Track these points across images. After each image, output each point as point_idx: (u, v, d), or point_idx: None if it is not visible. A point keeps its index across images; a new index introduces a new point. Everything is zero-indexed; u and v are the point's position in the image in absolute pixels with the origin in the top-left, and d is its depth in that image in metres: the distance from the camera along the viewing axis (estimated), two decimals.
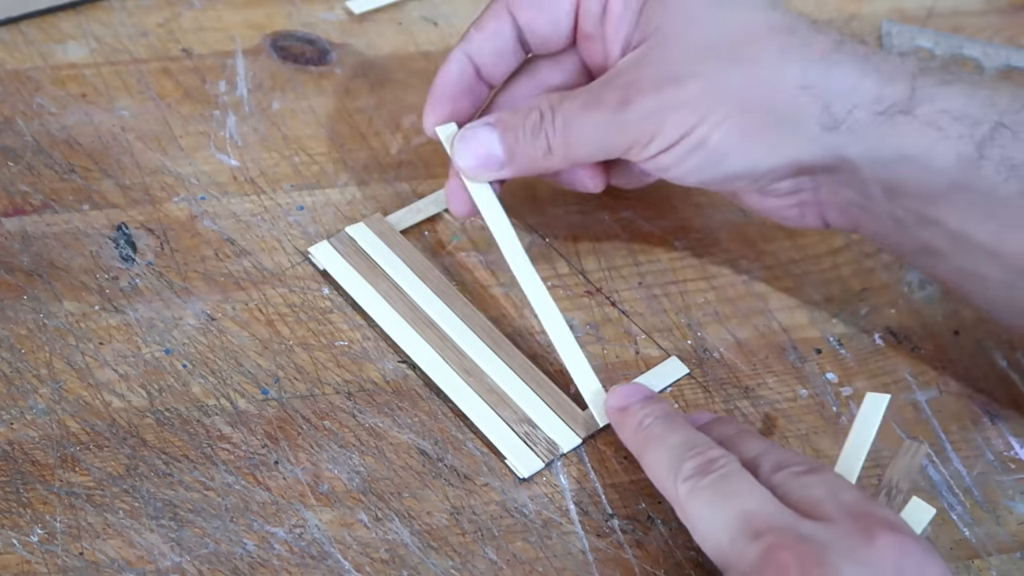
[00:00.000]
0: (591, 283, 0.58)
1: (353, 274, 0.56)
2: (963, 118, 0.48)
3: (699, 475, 0.46)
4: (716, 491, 0.45)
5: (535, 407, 0.53)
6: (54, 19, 0.65)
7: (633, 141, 0.50)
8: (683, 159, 0.50)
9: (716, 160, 0.50)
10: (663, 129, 0.50)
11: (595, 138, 0.51)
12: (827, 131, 0.49)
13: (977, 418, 0.56)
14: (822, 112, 0.49)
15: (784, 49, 0.49)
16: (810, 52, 0.49)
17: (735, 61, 0.49)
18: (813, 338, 0.58)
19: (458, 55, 0.54)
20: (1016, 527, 0.53)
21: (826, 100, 0.49)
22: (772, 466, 0.47)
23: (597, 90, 0.51)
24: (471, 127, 0.53)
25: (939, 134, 0.49)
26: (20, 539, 0.46)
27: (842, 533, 0.43)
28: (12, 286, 0.53)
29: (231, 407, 0.51)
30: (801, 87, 0.49)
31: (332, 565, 0.47)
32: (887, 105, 0.49)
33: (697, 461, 0.46)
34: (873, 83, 0.49)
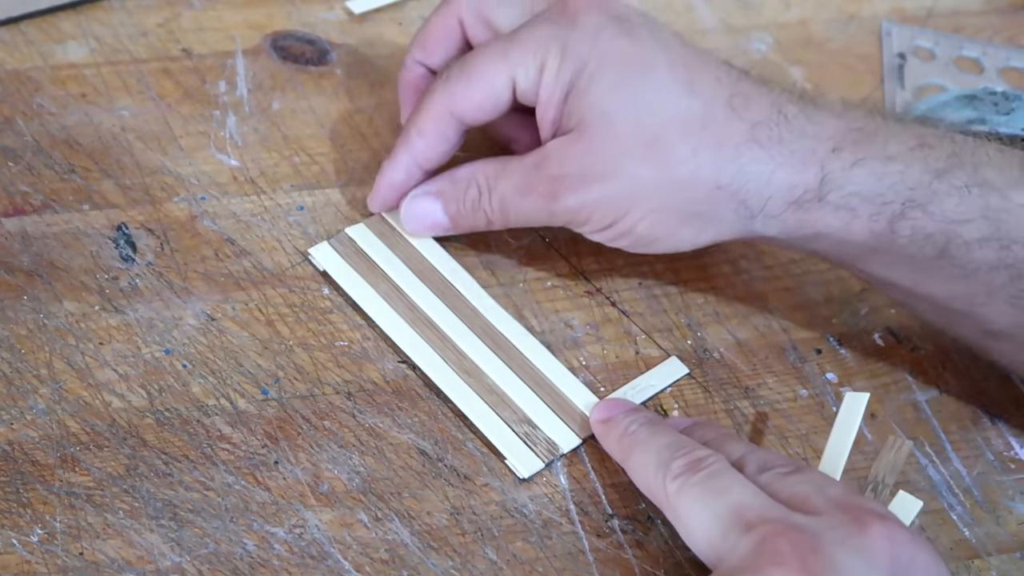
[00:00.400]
0: (591, 283, 0.58)
1: (353, 275, 0.56)
2: (873, 199, 0.51)
3: (688, 473, 0.46)
4: (706, 488, 0.46)
5: (535, 407, 0.53)
6: (54, 19, 0.65)
7: (566, 223, 0.54)
8: (616, 240, 0.54)
9: (646, 242, 0.53)
10: (591, 219, 0.53)
11: (530, 218, 0.55)
12: (744, 219, 0.52)
13: (977, 418, 0.56)
14: (738, 206, 0.52)
15: (697, 149, 0.51)
16: (722, 151, 0.51)
17: (650, 162, 0.51)
18: (813, 338, 0.58)
19: (403, 161, 0.56)
20: (1016, 527, 0.53)
21: (741, 196, 0.51)
22: (757, 467, 0.47)
23: (529, 175, 0.54)
24: (415, 196, 0.56)
25: (851, 215, 0.51)
26: (20, 539, 0.46)
27: (834, 523, 0.43)
28: (12, 286, 0.53)
29: (231, 407, 0.51)
30: (715, 187, 0.51)
31: (332, 565, 0.47)
32: (800, 193, 0.51)
33: (686, 459, 0.47)
34: (785, 174, 0.51)
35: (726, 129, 0.51)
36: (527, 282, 0.58)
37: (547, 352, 0.55)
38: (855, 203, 0.51)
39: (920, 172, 0.50)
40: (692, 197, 0.52)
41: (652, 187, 0.52)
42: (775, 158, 0.51)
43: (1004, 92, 0.69)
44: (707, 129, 0.51)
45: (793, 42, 0.72)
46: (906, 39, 0.73)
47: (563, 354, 0.55)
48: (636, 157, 0.51)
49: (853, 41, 0.73)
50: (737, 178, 0.51)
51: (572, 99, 0.52)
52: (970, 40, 0.74)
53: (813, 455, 0.54)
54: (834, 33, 0.73)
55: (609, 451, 0.51)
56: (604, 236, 0.54)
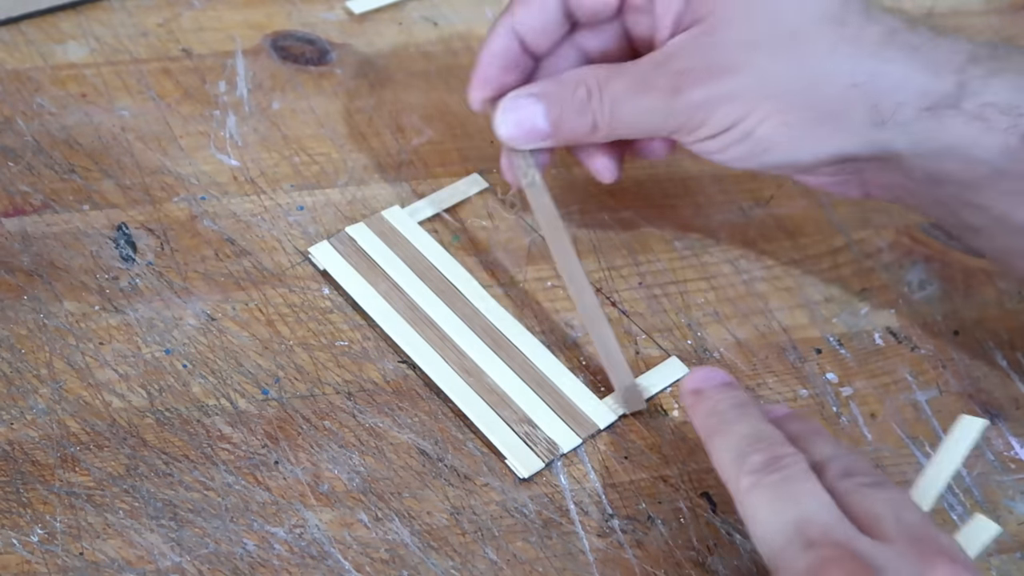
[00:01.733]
0: (591, 283, 0.58)
1: (353, 274, 0.56)
2: (1009, 110, 0.49)
3: (764, 471, 0.44)
4: (778, 491, 0.44)
5: (535, 407, 0.53)
6: (54, 19, 0.65)
7: (681, 126, 0.51)
8: (729, 147, 0.51)
9: (762, 150, 0.51)
10: (711, 118, 0.50)
11: (643, 121, 0.52)
12: (874, 127, 0.50)
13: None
14: (870, 109, 0.50)
15: (835, 44, 0.49)
16: (860, 48, 0.49)
17: (786, 55, 0.49)
18: (813, 338, 0.58)
19: (503, 29, 0.53)
20: (1016, 527, 0.53)
21: (874, 97, 0.49)
22: (840, 472, 0.45)
23: (647, 72, 0.51)
24: (515, 96, 0.53)
25: (984, 126, 0.49)
26: (20, 539, 0.46)
27: (900, 557, 0.41)
28: (12, 286, 0.53)
29: (231, 407, 0.51)
30: (851, 84, 0.49)
31: (332, 565, 0.47)
32: (934, 100, 0.49)
33: (764, 455, 0.45)
34: (921, 78, 0.49)
35: (864, 28, 0.49)
36: (527, 282, 0.58)
37: (547, 352, 0.55)
38: (990, 113, 0.49)
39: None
40: (825, 95, 0.49)
41: (785, 82, 0.49)
42: (912, 62, 0.49)
43: None
44: (845, 26, 0.49)
45: None
46: None
47: (563, 354, 0.55)
48: (771, 51, 0.49)
49: None
50: (872, 77, 0.49)
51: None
52: None
53: None
54: None
55: (695, 424, 0.49)
56: (718, 143, 0.51)
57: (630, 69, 0.52)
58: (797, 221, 0.62)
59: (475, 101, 0.55)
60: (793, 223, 0.62)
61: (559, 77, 0.53)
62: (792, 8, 0.50)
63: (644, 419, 0.54)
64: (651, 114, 0.51)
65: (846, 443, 0.54)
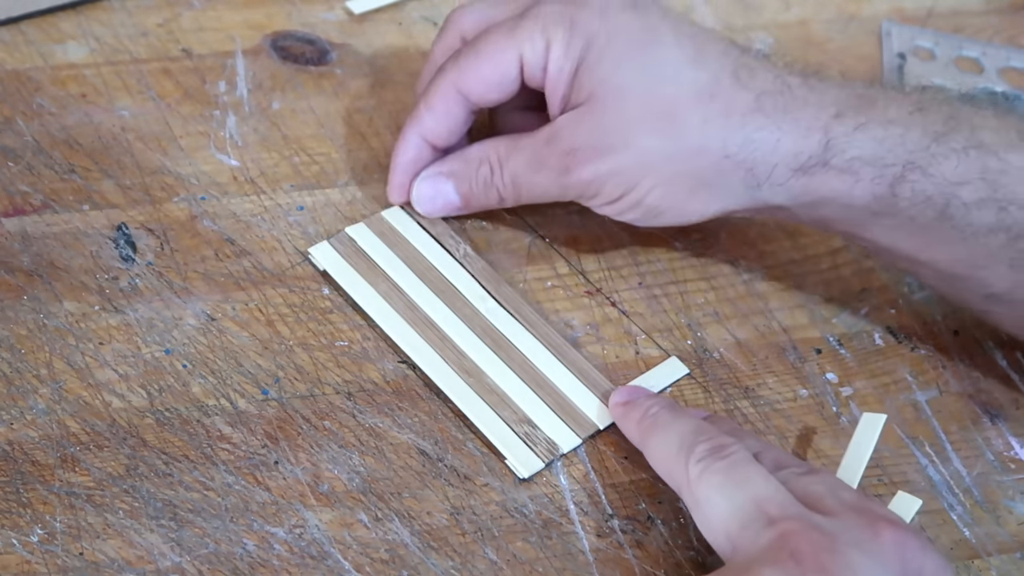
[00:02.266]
0: (591, 283, 0.58)
1: (353, 274, 0.56)
2: (874, 162, 0.52)
3: (711, 458, 0.46)
4: (728, 476, 0.46)
5: (535, 407, 0.53)
6: (54, 19, 0.65)
7: (578, 196, 0.55)
8: (625, 212, 0.54)
9: (654, 215, 0.54)
10: (602, 191, 0.54)
11: (542, 193, 0.56)
12: (752, 188, 0.53)
13: (977, 418, 0.56)
14: (745, 175, 0.53)
15: (706, 119, 0.52)
16: (730, 119, 0.52)
17: (661, 133, 0.52)
18: (813, 338, 0.58)
19: (412, 138, 0.57)
20: (1016, 527, 0.53)
21: (748, 164, 0.52)
22: (772, 464, 0.48)
23: (540, 150, 0.55)
24: (427, 177, 0.57)
25: (853, 179, 0.52)
26: (20, 539, 0.46)
27: (849, 525, 0.44)
28: (12, 286, 0.53)
29: (231, 407, 0.51)
30: (723, 156, 0.52)
31: (332, 565, 0.47)
32: (804, 159, 0.52)
33: (709, 444, 0.47)
34: (791, 140, 0.52)
35: (733, 99, 0.52)
36: (527, 282, 0.58)
37: (547, 352, 0.55)
38: (857, 167, 0.52)
39: (919, 135, 0.51)
40: (701, 166, 0.52)
41: (663, 157, 0.53)
42: (780, 126, 0.52)
43: (1004, 92, 0.69)
44: (715, 99, 0.52)
45: (793, 42, 0.72)
46: (906, 39, 0.73)
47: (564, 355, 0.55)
48: (647, 128, 0.52)
49: (853, 41, 0.73)
50: (744, 147, 0.52)
51: (582, 73, 0.53)
52: (970, 40, 0.74)
53: (813, 455, 0.54)
54: (834, 33, 0.73)
55: (628, 433, 0.51)
56: (614, 209, 0.54)
57: (526, 146, 0.55)
58: None
59: (395, 200, 0.59)
60: (793, 223, 0.62)
61: (465, 154, 0.57)
62: (664, 85, 0.53)
63: None
64: (548, 189, 0.55)
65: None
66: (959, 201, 0.51)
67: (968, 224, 0.51)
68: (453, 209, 0.58)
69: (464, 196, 0.57)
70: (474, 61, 0.55)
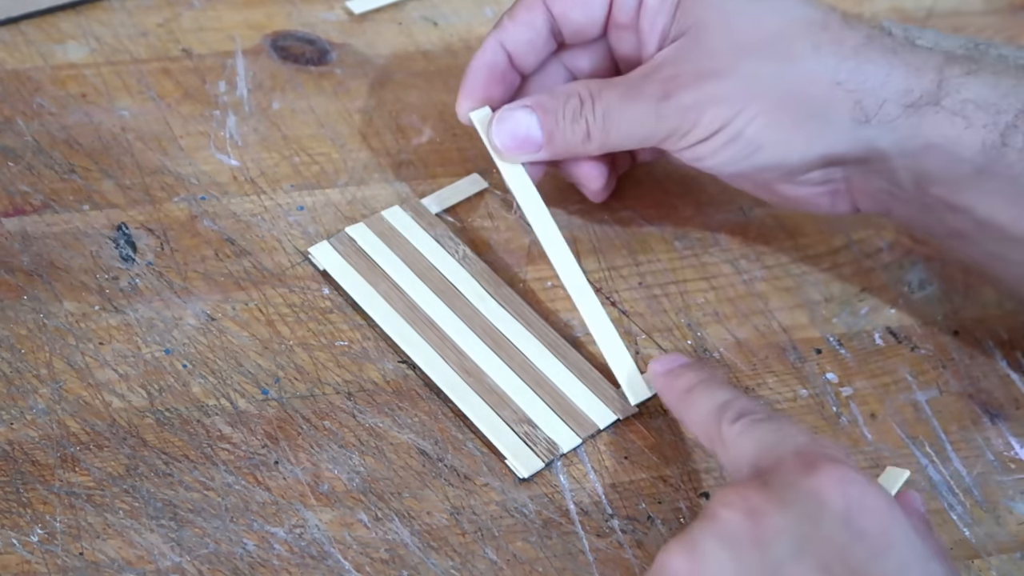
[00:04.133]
0: (591, 283, 0.58)
1: (353, 274, 0.56)
2: (987, 107, 0.50)
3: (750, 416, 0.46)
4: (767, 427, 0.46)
5: (535, 407, 0.53)
6: (54, 19, 0.65)
7: (672, 131, 0.52)
8: (719, 150, 0.52)
9: (751, 152, 0.52)
10: (701, 121, 0.52)
11: (635, 127, 0.53)
12: (859, 125, 0.51)
13: (977, 418, 0.56)
14: (854, 107, 0.51)
15: (818, 45, 0.51)
16: (842, 48, 0.51)
17: (770, 57, 0.51)
18: (813, 338, 0.58)
19: (492, 43, 0.55)
20: (1016, 527, 0.53)
21: (858, 95, 0.51)
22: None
23: (637, 81, 0.53)
24: (509, 108, 0.54)
25: (965, 123, 0.50)
26: (20, 539, 0.46)
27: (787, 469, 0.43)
28: (12, 286, 0.53)
29: (231, 407, 0.51)
30: (834, 83, 0.51)
31: (332, 565, 0.47)
32: (915, 97, 0.51)
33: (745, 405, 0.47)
34: (902, 76, 0.51)
35: (845, 32, 0.51)
36: (527, 282, 0.58)
37: (547, 352, 0.55)
38: (970, 110, 0.50)
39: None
40: (810, 94, 0.51)
41: (771, 82, 0.51)
42: (892, 62, 0.51)
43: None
44: (827, 30, 0.51)
45: None
46: None
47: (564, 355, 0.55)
48: (755, 53, 0.51)
49: None
50: (855, 75, 0.51)
51: (686, 2, 0.52)
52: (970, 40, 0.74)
53: None
54: None
55: (667, 399, 0.51)
56: (709, 146, 0.52)
57: (621, 80, 0.53)
58: (797, 221, 0.62)
59: (463, 111, 0.56)
60: (793, 223, 0.62)
61: (552, 90, 0.54)
62: (775, 13, 0.52)
63: (644, 419, 0.54)
64: (643, 120, 0.52)
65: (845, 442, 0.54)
66: None
67: None
68: (533, 147, 0.54)
69: (549, 132, 0.54)
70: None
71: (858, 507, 0.42)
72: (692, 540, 0.42)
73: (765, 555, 0.41)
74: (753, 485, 0.43)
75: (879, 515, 0.42)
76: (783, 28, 0.51)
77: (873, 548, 0.41)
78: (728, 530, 0.42)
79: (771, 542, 0.41)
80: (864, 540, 0.41)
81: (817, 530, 0.41)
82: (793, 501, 0.42)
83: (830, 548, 0.41)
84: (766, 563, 0.41)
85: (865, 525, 0.41)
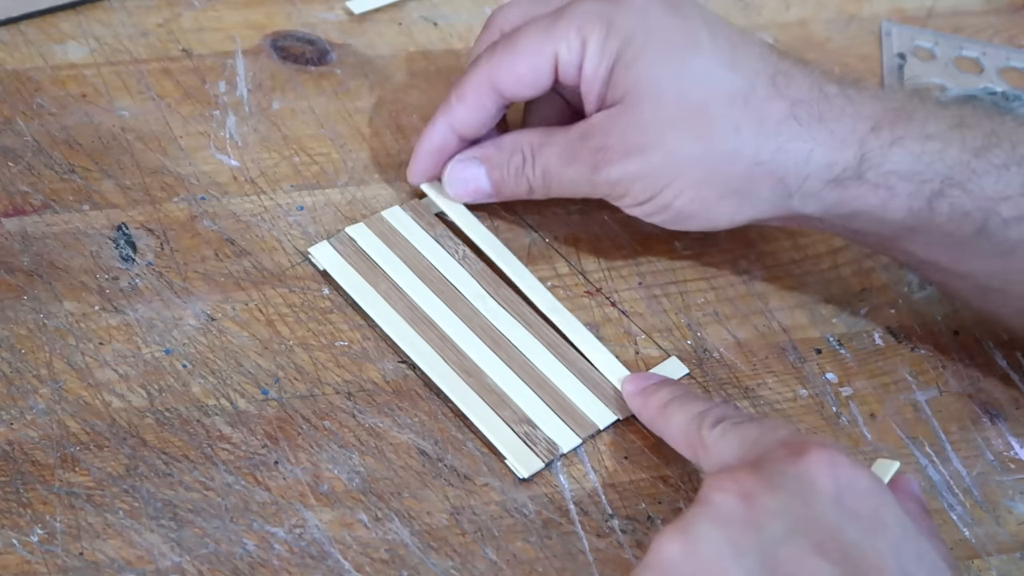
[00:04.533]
0: (591, 283, 0.58)
1: (353, 275, 0.56)
2: (911, 177, 0.51)
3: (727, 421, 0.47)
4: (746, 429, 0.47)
5: (535, 407, 0.53)
6: (54, 19, 0.65)
7: (606, 195, 0.55)
8: (653, 215, 0.54)
9: (682, 219, 0.54)
10: (630, 192, 0.54)
11: (571, 188, 0.56)
12: (783, 198, 0.53)
13: (977, 418, 0.56)
14: (776, 183, 0.52)
15: (739, 124, 0.52)
16: (763, 128, 0.52)
17: (693, 133, 0.52)
18: (813, 338, 0.58)
19: (441, 127, 0.57)
20: (1016, 527, 0.53)
21: (780, 174, 0.52)
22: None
23: (573, 144, 0.55)
24: (461, 159, 0.57)
25: (889, 193, 0.52)
26: (20, 539, 0.46)
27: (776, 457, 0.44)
28: (12, 286, 0.53)
29: (231, 407, 0.51)
30: (755, 163, 0.52)
31: (332, 565, 0.47)
32: (838, 171, 0.52)
33: (721, 412, 0.48)
34: (824, 152, 0.52)
35: (768, 106, 0.52)
36: None
37: (547, 352, 0.55)
38: (893, 181, 0.51)
39: (958, 151, 0.51)
40: (732, 172, 0.52)
41: (693, 161, 0.52)
42: (815, 136, 0.52)
43: (1004, 92, 0.69)
44: (749, 105, 0.52)
45: (793, 42, 0.72)
46: (906, 39, 0.73)
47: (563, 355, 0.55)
48: (679, 130, 0.52)
49: (853, 41, 0.73)
50: (777, 155, 0.52)
51: (618, 71, 0.53)
52: (970, 40, 0.74)
53: None
54: (834, 33, 0.73)
55: (646, 418, 0.52)
56: (642, 210, 0.54)
57: (560, 139, 0.55)
58: None
59: (415, 182, 0.59)
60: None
61: (499, 141, 0.57)
62: (700, 86, 0.52)
63: None
64: (579, 183, 0.55)
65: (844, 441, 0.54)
66: (998, 217, 0.51)
67: (1006, 239, 0.51)
68: (483, 195, 0.57)
69: (495, 183, 0.57)
70: (509, 55, 0.55)
71: (848, 488, 0.42)
72: (686, 524, 0.42)
73: (760, 535, 0.41)
74: (745, 470, 0.43)
75: (869, 496, 0.43)
76: (706, 103, 0.52)
77: (865, 527, 0.42)
78: (722, 513, 0.42)
79: (765, 523, 0.41)
80: (856, 520, 0.42)
81: (809, 510, 0.42)
82: (784, 484, 0.42)
83: (823, 528, 0.41)
84: (761, 543, 0.41)
85: (855, 506, 0.42)
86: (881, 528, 0.42)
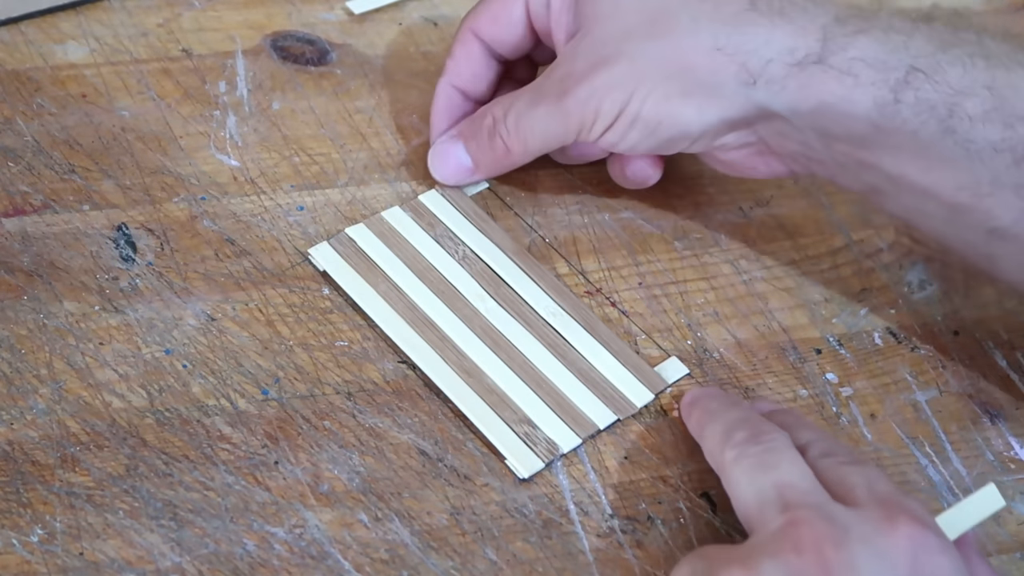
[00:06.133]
0: (591, 283, 0.58)
1: (353, 275, 0.56)
2: (876, 64, 0.51)
3: (747, 444, 0.47)
4: (759, 461, 0.46)
5: (535, 407, 0.53)
6: (54, 19, 0.65)
7: (579, 126, 0.54)
8: (626, 134, 0.54)
9: (653, 128, 0.54)
10: (601, 110, 0.53)
11: (545, 130, 0.55)
12: (746, 87, 0.52)
13: (977, 418, 0.56)
14: (739, 70, 0.52)
15: (695, 17, 0.52)
16: (720, 15, 0.52)
17: (653, 36, 0.53)
18: (813, 338, 0.58)
19: (443, 88, 0.59)
20: (1016, 527, 0.53)
21: (741, 58, 0.52)
22: (819, 452, 0.48)
23: (540, 84, 0.55)
24: (440, 142, 0.59)
25: (854, 81, 0.51)
26: (20, 539, 0.46)
27: (866, 518, 0.43)
28: (12, 286, 0.53)
29: (231, 407, 0.51)
30: (715, 49, 0.52)
31: (332, 565, 0.47)
32: (801, 56, 0.51)
33: (748, 432, 0.48)
34: (785, 35, 0.52)
35: (726, 2, 0.52)
36: None
37: (547, 352, 0.55)
38: (858, 68, 0.51)
39: (924, 42, 0.51)
40: (693, 63, 0.52)
41: (655, 59, 0.53)
42: (776, 24, 0.52)
43: None
44: (705, 2, 0.53)
45: None
46: None
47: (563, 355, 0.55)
48: (640, 36, 0.53)
49: None
50: (735, 39, 0.52)
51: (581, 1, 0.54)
52: None
53: None
54: None
55: (690, 428, 0.52)
56: (615, 133, 0.54)
57: (528, 87, 0.56)
58: (797, 221, 0.62)
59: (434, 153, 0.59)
60: (793, 223, 0.62)
61: (473, 115, 0.58)
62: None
63: (644, 419, 0.54)
64: (550, 121, 0.55)
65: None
66: (963, 112, 0.50)
67: (972, 140, 0.50)
68: (467, 173, 0.58)
69: (474, 155, 0.57)
70: (485, 3, 0.57)
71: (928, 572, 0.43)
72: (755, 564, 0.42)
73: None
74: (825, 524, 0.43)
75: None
76: (664, 5, 0.53)
77: None
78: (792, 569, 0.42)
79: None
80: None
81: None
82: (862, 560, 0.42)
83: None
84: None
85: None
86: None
